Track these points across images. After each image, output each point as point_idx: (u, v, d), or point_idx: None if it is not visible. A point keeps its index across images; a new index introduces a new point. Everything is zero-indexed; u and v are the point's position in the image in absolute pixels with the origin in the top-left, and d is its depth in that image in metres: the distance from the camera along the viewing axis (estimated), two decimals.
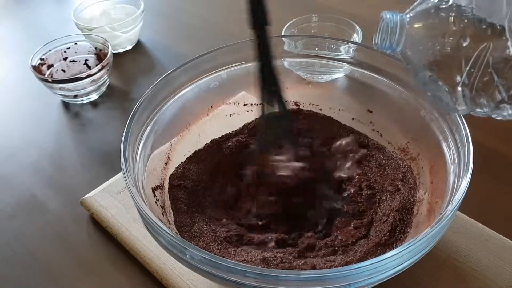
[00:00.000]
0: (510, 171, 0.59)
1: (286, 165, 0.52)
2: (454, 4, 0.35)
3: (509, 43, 0.33)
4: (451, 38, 0.34)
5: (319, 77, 0.61)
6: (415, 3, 0.37)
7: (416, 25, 0.36)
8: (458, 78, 0.34)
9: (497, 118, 0.37)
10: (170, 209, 0.50)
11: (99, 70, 0.71)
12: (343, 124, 0.59)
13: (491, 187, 0.57)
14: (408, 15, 0.36)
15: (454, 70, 0.34)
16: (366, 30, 0.73)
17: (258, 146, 0.55)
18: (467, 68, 0.34)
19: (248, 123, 0.60)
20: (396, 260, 0.36)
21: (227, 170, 0.56)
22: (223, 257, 0.44)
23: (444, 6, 0.35)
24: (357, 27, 0.73)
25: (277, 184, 0.52)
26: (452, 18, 0.34)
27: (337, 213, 0.51)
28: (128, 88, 0.78)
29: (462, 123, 0.44)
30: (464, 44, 0.34)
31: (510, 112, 0.36)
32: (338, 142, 0.57)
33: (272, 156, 0.52)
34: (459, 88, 0.35)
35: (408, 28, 0.36)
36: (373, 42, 0.38)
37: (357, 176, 0.54)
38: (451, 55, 0.34)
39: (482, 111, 0.36)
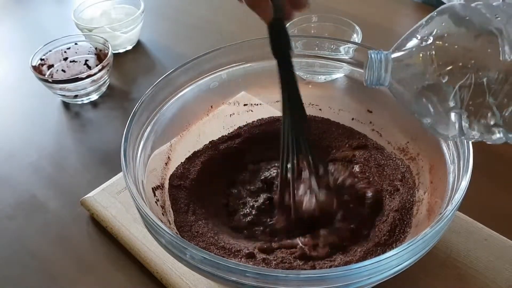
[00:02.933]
0: (510, 171, 0.59)
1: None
2: (436, 42, 0.36)
3: (506, 48, 0.33)
4: (433, 74, 0.36)
5: (319, 77, 0.61)
6: (399, 40, 0.38)
7: (399, 63, 0.38)
8: (448, 105, 0.36)
9: (488, 142, 0.38)
10: (170, 209, 0.50)
11: (99, 70, 0.71)
12: (341, 125, 0.59)
13: (491, 187, 0.57)
14: (392, 54, 0.38)
15: (442, 99, 0.36)
16: (366, 30, 0.73)
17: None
18: (456, 96, 0.35)
19: (243, 125, 0.60)
20: (396, 260, 0.36)
21: (225, 171, 0.56)
22: (223, 257, 0.44)
23: (424, 44, 0.36)
24: (357, 27, 0.73)
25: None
26: (433, 55, 0.36)
27: (336, 213, 0.51)
28: (128, 88, 0.79)
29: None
30: (444, 81, 0.35)
31: (499, 135, 0.36)
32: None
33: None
34: (451, 114, 0.36)
35: (392, 66, 0.38)
36: (363, 79, 0.40)
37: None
38: (436, 88, 0.36)
39: (475, 134, 0.37)
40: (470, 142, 0.42)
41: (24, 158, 0.67)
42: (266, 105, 0.61)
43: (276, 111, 0.61)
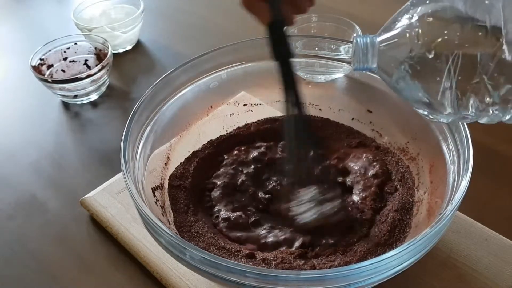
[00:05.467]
0: (510, 171, 0.59)
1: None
2: (421, 19, 0.35)
3: (504, 47, 0.33)
4: (419, 51, 0.35)
5: (319, 77, 0.61)
6: (386, 23, 0.38)
7: (386, 45, 0.38)
8: (439, 84, 0.35)
9: (481, 122, 0.38)
10: (170, 209, 0.50)
11: (99, 70, 0.71)
12: (341, 124, 0.59)
13: (491, 187, 0.57)
14: (378, 37, 0.38)
15: (432, 78, 0.35)
16: (366, 30, 0.73)
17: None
18: (445, 73, 0.35)
19: (242, 125, 0.60)
20: (396, 260, 0.36)
21: (224, 171, 0.56)
22: (223, 257, 0.44)
23: (410, 22, 0.36)
24: (357, 27, 0.73)
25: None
26: (418, 32, 0.35)
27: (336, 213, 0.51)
28: (128, 88, 0.79)
29: (462, 123, 0.44)
30: (430, 56, 0.35)
31: (496, 113, 0.36)
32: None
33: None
34: (444, 93, 0.36)
35: (379, 49, 0.38)
36: (351, 65, 0.40)
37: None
38: (425, 66, 0.35)
39: (470, 113, 0.37)
40: (470, 142, 0.42)
41: (24, 158, 0.67)
42: (266, 105, 0.61)
43: (276, 111, 0.61)
